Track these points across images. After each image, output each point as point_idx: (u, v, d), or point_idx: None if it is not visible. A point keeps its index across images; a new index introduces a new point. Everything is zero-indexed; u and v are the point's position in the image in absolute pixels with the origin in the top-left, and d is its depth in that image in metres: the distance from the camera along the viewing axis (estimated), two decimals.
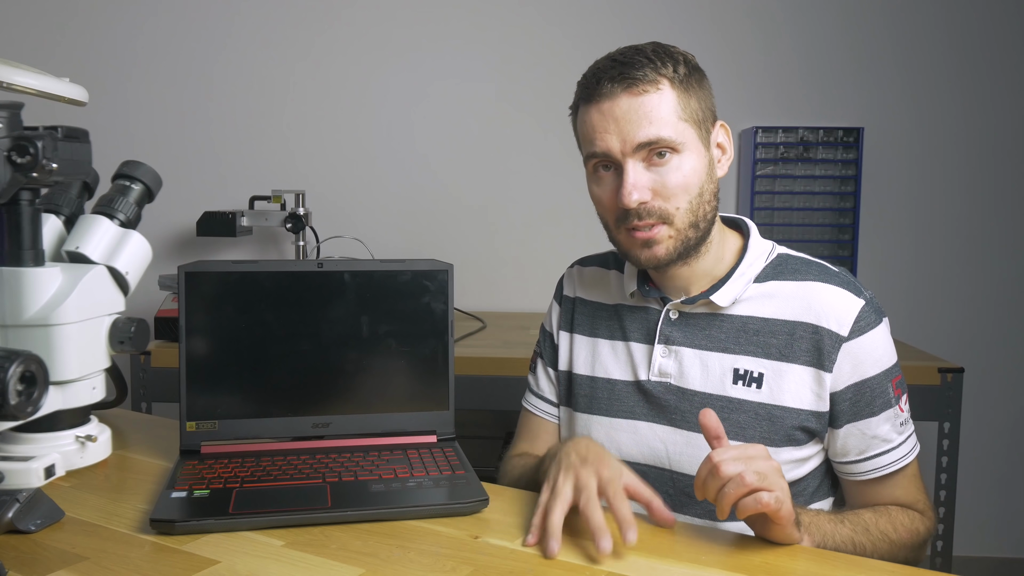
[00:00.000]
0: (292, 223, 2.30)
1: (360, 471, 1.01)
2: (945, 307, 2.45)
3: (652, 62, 0.99)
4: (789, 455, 1.04)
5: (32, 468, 0.97)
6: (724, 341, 1.06)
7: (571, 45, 2.45)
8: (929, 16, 2.39)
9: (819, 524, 0.95)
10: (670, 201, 1.00)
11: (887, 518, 1.03)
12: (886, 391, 1.03)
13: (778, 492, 0.82)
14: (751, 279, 1.07)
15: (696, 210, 1.01)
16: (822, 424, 1.04)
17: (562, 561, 0.82)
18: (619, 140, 0.99)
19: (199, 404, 1.09)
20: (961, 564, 2.33)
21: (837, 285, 1.04)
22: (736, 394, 1.05)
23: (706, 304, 1.07)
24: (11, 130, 0.87)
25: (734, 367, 1.05)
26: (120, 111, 2.50)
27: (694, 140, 1.01)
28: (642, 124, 0.98)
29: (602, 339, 1.15)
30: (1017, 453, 2.48)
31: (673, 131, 0.98)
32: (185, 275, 1.09)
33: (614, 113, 0.99)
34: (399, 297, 1.14)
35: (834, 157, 2.34)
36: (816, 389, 1.03)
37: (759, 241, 1.11)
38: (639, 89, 0.98)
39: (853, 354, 1.02)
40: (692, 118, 1.01)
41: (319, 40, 2.49)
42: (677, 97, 0.99)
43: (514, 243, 2.51)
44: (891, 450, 1.04)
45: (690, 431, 1.06)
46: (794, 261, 1.09)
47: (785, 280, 1.06)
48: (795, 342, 1.03)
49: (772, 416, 1.03)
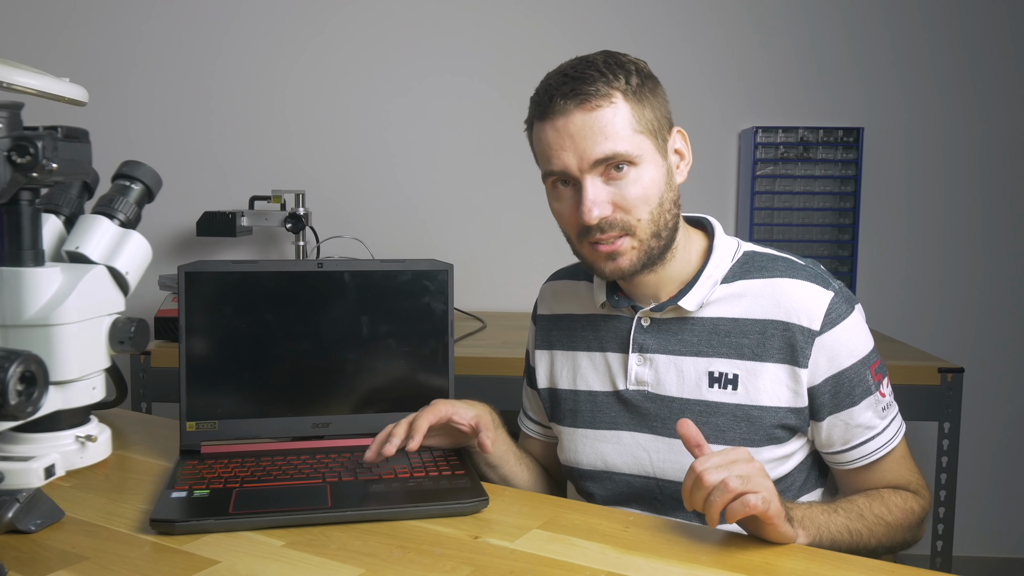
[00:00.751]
0: (292, 223, 2.30)
1: (360, 471, 1.01)
2: (945, 307, 2.45)
3: (604, 75, 0.98)
4: (771, 453, 1.04)
5: (32, 468, 0.96)
6: (697, 345, 1.06)
7: (572, 45, 2.44)
8: (929, 16, 2.39)
9: (812, 517, 0.94)
10: (631, 213, 0.99)
11: (880, 501, 1.03)
12: (865, 379, 1.03)
13: (764, 492, 0.83)
14: (718, 280, 1.06)
15: (657, 220, 1.01)
16: (802, 420, 1.04)
17: (562, 561, 0.82)
18: (576, 157, 0.97)
19: (199, 404, 1.09)
20: (961, 564, 2.33)
21: (804, 279, 1.04)
22: (713, 397, 1.04)
23: (675, 309, 1.07)
24: (11, 130, 0.87)
25: (708, 370, 1.05)
26: (120, 111, 2.50)
27: (651, 151, 1.00)
28: (597, 140, 0.97)
29: (581, 352, 1.15)
30: (1017, 453, 2.48)
31: (629, 144, 0.97)
32: (185, 275, 1.09)
33: (568, 130, 0.97)
34: (399, 297, 1.14)
35: (834, 157, 2.34)
36: (792, 386, 1.02)
37: (724, 240, 1.10)
38: (592, 104, 0.97)
39: (827, 347, 1.01)
40: (647, 128, 1.00)
41: (319, 40, 2.49)
42: (631, 109, 0.98)
43: (514, 243, 2.51)
44: (876, 436, 1.05)
45: (672, 438, 1.05)
46: (760, 258, 1.08)
47: (752, 278, 1.06)
48: (767, 340, 1.03)
49: (750, 416, 1.03)
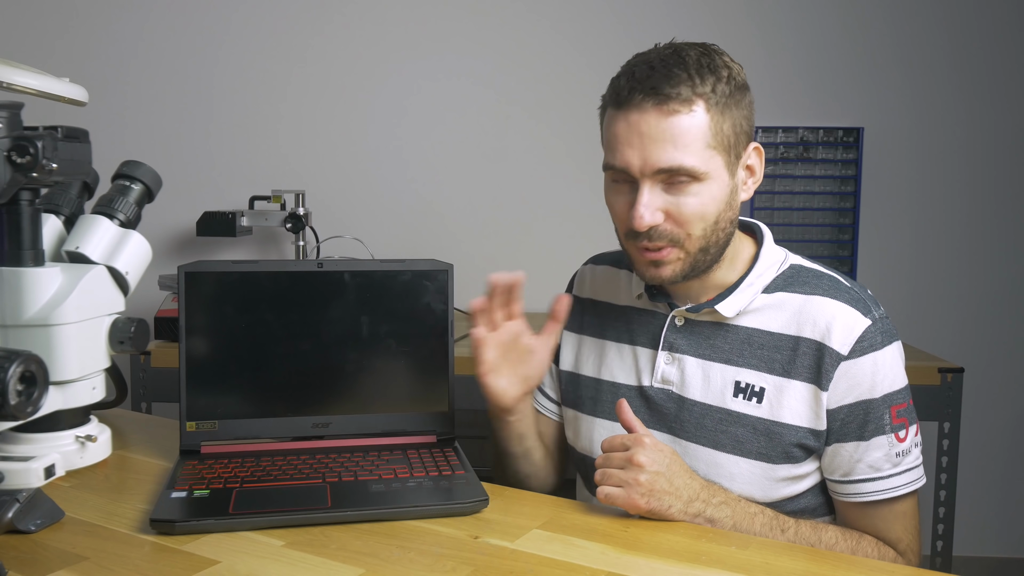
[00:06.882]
0: (292, 223, 2.30)
1: (360, 471, 1.01)
2: (945, 307, 2.45)
3: (691, 78, 0.93)
4: (787, 472, 1.02)
5: (32, 468, 0.97)
6: (728, 352, 1.04)
7: (571, 45, 2.45)
8: (929, 16, 2.39)
9: (744, 525, 0.95)
10: (683, 227, 0.97)
11: (850, 543, 1.00)
12: (881, 417, 0.99)
13: (637, 496, 0.91)
14: (759, 290, 1.04)
15: (709, 237, 0.98)
16: (820, 442, 1.01)
17: (562, 561, 0.82)
18: (640, 159, 0.95)
19: (199, 404, 1.09)
20: (961, 564, 2.33)
21: (845, 302, 1.01)
22: (736, 407, 1.03)
23: (711, 313, 1.05)
24: (11, 130, 0.87)
25: (735, 380, 1.03)
26: (120, 111, 2.49)
27: (719, 168, 0.96)
28: (666, 148, 0.93)
29: (610, 341, 1.14)
30: (1017, 453, 2.48)
31: (697, 160, 0.94)
32: (185, 275, 1.09)
33: (640, 128, 0.94)
34: (399, 297, 1.14)
35: (834, 157, 2.34)
36: (814, 407, 1.00)
37: (772, 250, 1.07)
38: (670, 108, 0.93)
39: (851, 374, 0.99)
40: (721, 144, 0.96)
41: (319, 40, 2.49)
42: (710, 121, 0.94)
43: (514, 243, 2.51)
44: (878, 479, 1.00)
45: (687, 441, 1.05)
46: (806, 273, 1.05)
47: (794, 292, 1.03)
48: (798, 358, 1.01)
49: (770, 432, 1.01)
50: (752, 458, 1.02)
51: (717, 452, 1.03)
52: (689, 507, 0.92)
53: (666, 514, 0.92)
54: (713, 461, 1.03)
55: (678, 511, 0.92)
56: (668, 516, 0.92)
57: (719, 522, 0.94)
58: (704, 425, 1.04)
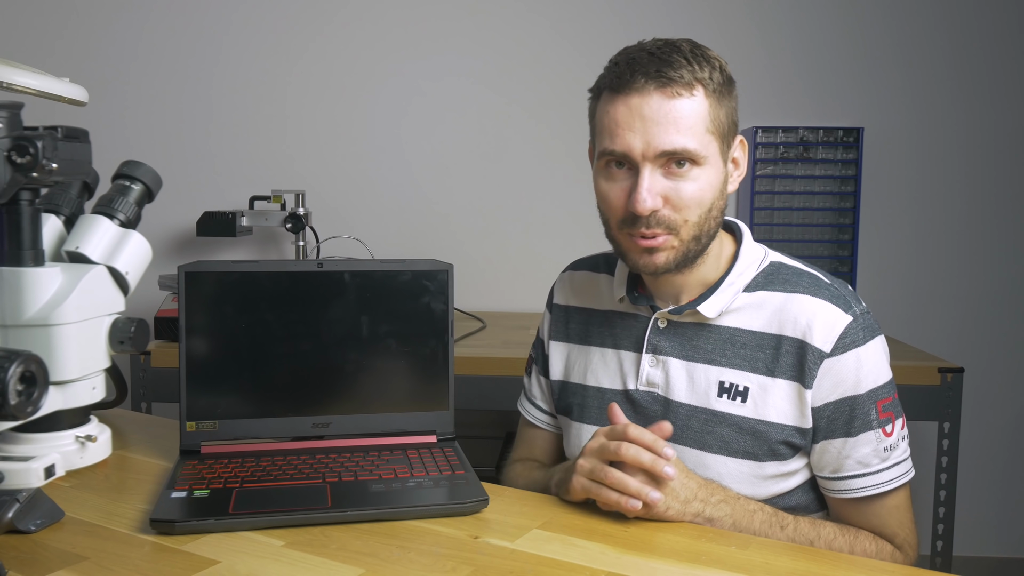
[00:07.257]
0: (292, 223, 2.30)
1: (360, 471, 1.01)
2: (945, 307, 2.45)
3: (690, 64, 0.95)
4: (774, 469, 1.02)
5: (32, 468, 0.97)
6: (711, 353, 1.04)
7: (571, 45, 2.45)
8: (929, 16, 2.39)
9: (744, 524, 0.95)
10: (680, 212, 0.97)
11: (848, 538, 1.00)
12: (867, 413, 1.00)
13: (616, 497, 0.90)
14: (740, 288, 1.05)
15: (703, 224, 0.99)
16: (807, 440, 1.02)
17: (562, 561, 0.82)
18: (642, 142, 0.94)
19: (199, 404, 1.09)
20: (961, 564, 2.33)
21: (826, 299, 1.01)
22: (720, 407, 1.03)
23: (693, 314, 1.05)
24: (11, 130, 0.87)
25: (719, 380, 1.03)
26: (120, 111, 2.50)
27: (715, 154, 0.98)
28: (669, 130, 0.94)
29: (594, 347, 1.14)
30: (1017, 453, 2.48)
31: (698, 143, 0.95)
32: (185, 275, 1.09)
33: (643, 111, 0.94)
34: (399, 297, 1.14)
35: (834, 157, 2.33)
36: (799, 405, 1.01)
37: (751, 247, 1.08)
38: (673, 91, 0.94)
39: (834, 371, 0.99)
40: (718, 131, 0.97)
41: (318, 40, 2.49)
42: (709, 106, 0.95)
43: (514, 243, 2.51)
44: (867, 475, 1.01)
45: (674, 443, 1.04)
46: (786, 271, 1.06)
47: (775, 291, 1.04)
48: (781, 356, 1.01)
49: (756, 431, 1.02)
50: (739, 457, 1.02)
51: (704, 453, 1.03)
52: (688, 507, 0.93)
53: (664, 515, 0.92)
54: (701, 462, 1.03)
55: (676, 512, 0.92)
56: (666, 516, 0.92)
57: (718, 521, 0.94)
58: (690, 427, 1.04)
